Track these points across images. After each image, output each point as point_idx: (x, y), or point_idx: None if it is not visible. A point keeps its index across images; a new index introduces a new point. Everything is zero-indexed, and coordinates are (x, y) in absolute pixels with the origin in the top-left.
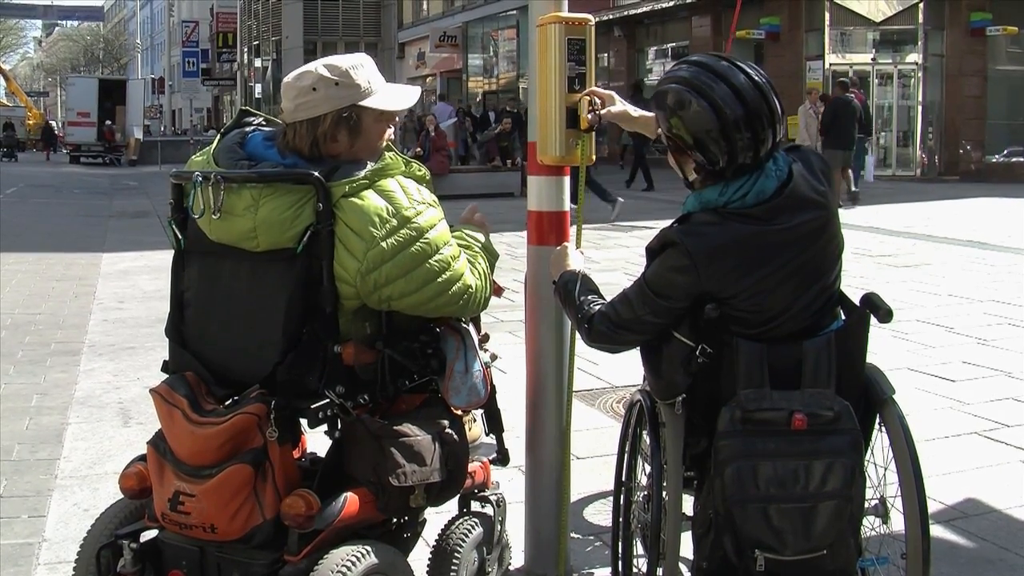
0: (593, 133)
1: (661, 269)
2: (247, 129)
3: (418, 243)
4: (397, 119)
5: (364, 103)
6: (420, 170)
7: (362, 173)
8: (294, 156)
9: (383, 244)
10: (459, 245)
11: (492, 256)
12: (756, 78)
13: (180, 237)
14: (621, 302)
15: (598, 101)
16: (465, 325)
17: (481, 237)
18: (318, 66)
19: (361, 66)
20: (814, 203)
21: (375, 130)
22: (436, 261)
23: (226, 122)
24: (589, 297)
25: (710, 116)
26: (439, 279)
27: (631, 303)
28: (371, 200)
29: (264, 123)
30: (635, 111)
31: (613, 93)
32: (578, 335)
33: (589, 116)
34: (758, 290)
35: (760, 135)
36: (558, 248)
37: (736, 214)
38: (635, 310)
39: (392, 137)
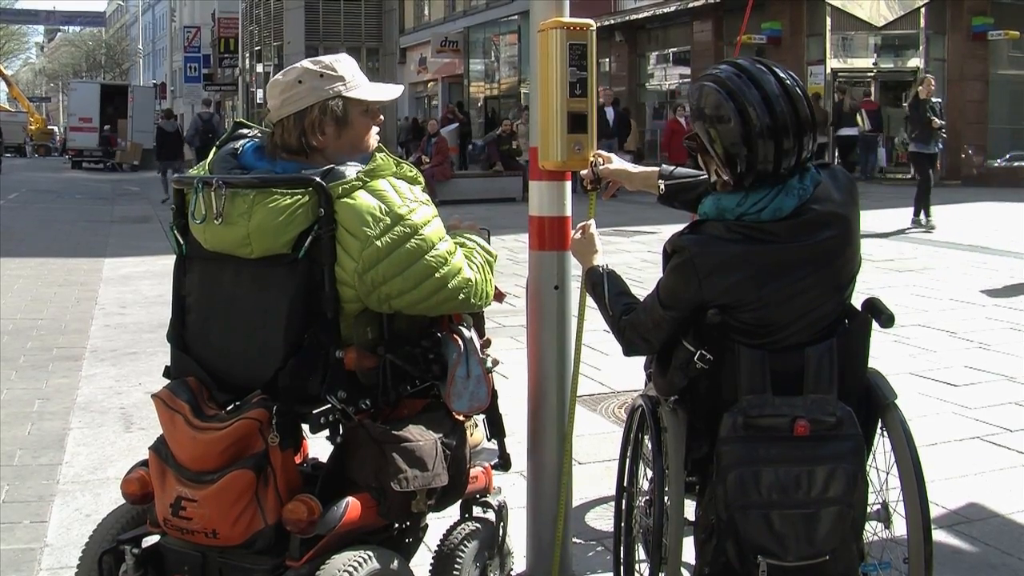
0: (596, 192)
1: (668, 277)
2: (241, 142)
3: (412, 240)
4: (383, 118)
5: (349, 94)
6: (411, 171)
7: (354, 174)
8: (284, 161)
9: (377, 243)
10: (455, 241)
11: (490, 255)
12: (788, 84)
13: (182, 242)
14: (645, 311)
15: (600, 159)
16: (467, 331)
17: (477, 237)
18: (302, 62)
19: (344, 59)
20: (834, 220)
21: (361, 123)
22: (432, 257)
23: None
24: (620, 305)
25: (736, 121)
26: (436, 274)
27: (650, 312)
28: (363, 200)
29: (258, 135)
30: (634, 168)
31: (612, 155)
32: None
33: (585, 172)
34: (763, 304)
35: (784, 146)
36: (583, 236)
37: (749, 228)
38: (654, 317)
39: (379, 136)
